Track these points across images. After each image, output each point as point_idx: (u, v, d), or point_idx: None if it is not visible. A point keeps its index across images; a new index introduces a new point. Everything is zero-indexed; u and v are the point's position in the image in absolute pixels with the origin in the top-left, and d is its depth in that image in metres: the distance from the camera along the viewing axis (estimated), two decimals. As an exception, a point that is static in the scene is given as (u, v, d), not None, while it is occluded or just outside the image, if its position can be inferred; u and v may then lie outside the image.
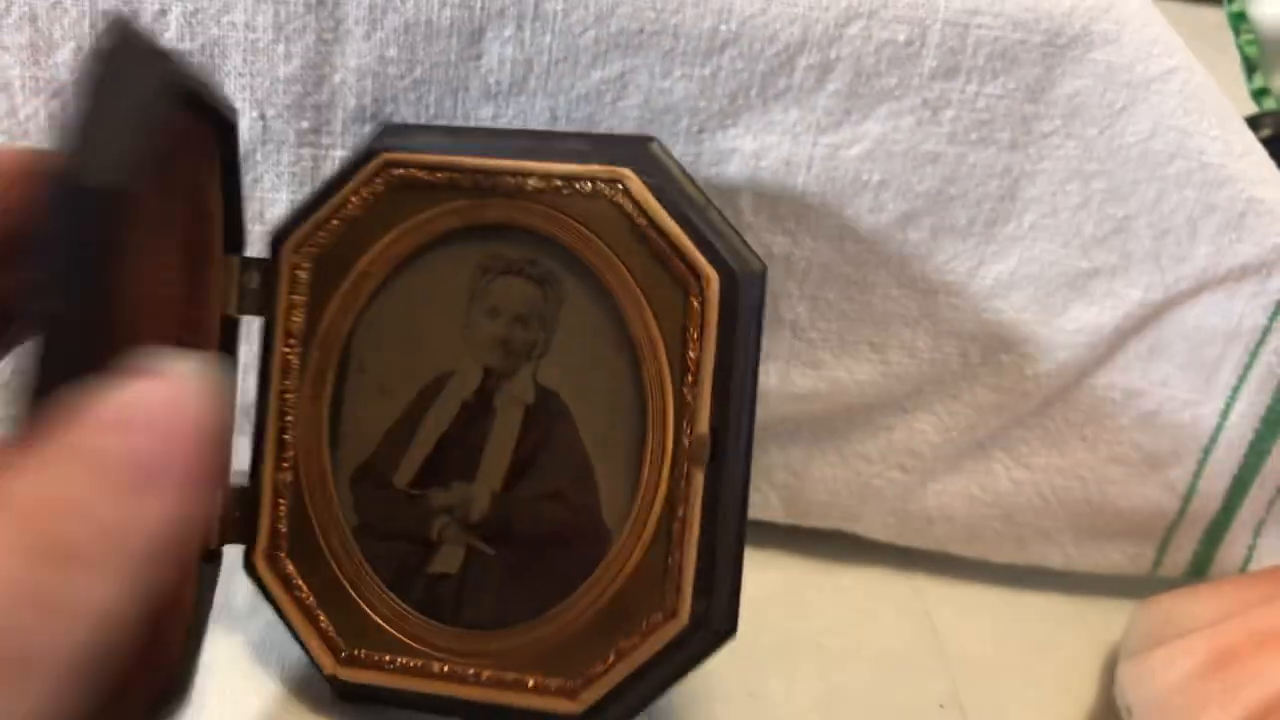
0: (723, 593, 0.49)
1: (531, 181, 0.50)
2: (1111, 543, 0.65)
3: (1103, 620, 0.62)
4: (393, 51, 0.53)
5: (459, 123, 0.56)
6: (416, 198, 0.51)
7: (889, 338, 0.58)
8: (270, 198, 0.57)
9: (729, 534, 0.49)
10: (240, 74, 0.54)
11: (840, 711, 0.55)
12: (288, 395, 0.52)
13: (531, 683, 0.50)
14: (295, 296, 0.52)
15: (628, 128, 0.56)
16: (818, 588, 0.64)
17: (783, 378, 0.61)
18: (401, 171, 0.51)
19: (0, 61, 0.54)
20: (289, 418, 0.52)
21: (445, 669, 0.50)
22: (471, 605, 0.50)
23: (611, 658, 0.49)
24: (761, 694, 0.58)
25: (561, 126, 0.56)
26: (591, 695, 0.49)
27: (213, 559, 0.52)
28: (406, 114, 0.55)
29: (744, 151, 0.56)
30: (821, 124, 0.55)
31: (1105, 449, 0.62)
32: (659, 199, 0.49)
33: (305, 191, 0.56)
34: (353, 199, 0.51)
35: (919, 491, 0.62)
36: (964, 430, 0.61)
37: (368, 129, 0.56)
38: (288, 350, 0.52)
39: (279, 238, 0.52)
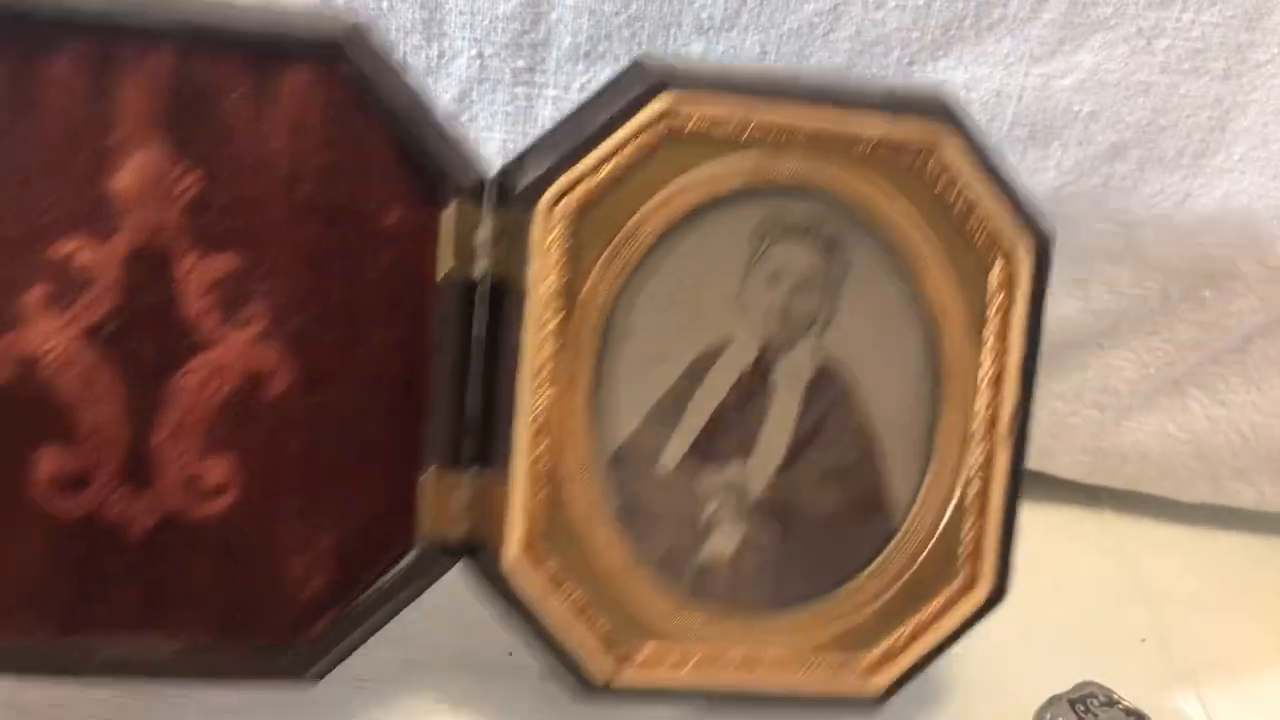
0: (1013, 561, 0.49)
1: (834, 141, 0.46)
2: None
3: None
4: (611, -12, 0.50)
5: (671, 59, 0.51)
6: (697, 152, 0.45)
7: (1091, 273, 0.59)
8: (484, 137, 0.52)
9: (1017, 509, 0.49)
10: (461, 12, 0.51)
11: (1043, 646, 0.55)
12: (544, 370, 0.46)
13: (824, 665, 0.48)
14: (553, 257, 0.45)
15: (838, 61, 0.54)
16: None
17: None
18: (683, 120, 0.45)
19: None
20: (543, 396, 0.46)
21: (731, 656, 0.47)
22: (751, 588, 0.48)
23: (906, 634, 0.48)
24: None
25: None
26: (889, 674, 0.48)
27: (426, 546, 0.46)
28: (619, 51, 0.52)
29: (954, 83, 0.55)
30: (1035, 54, 0.55)
31: None
32: (974, 161, 0.46)
33: (519, 132, 0.50)
34: (626, 150, 0.45)
35: (1113, 429, 0.62)
36: (1161, 367, 0.61)
37: (594, 67, 0.50)
38: (546, 319, 0.45)
39: (532, 190, 0.45)
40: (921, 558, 0.48)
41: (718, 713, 0.50)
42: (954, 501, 0.48)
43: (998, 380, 0.48)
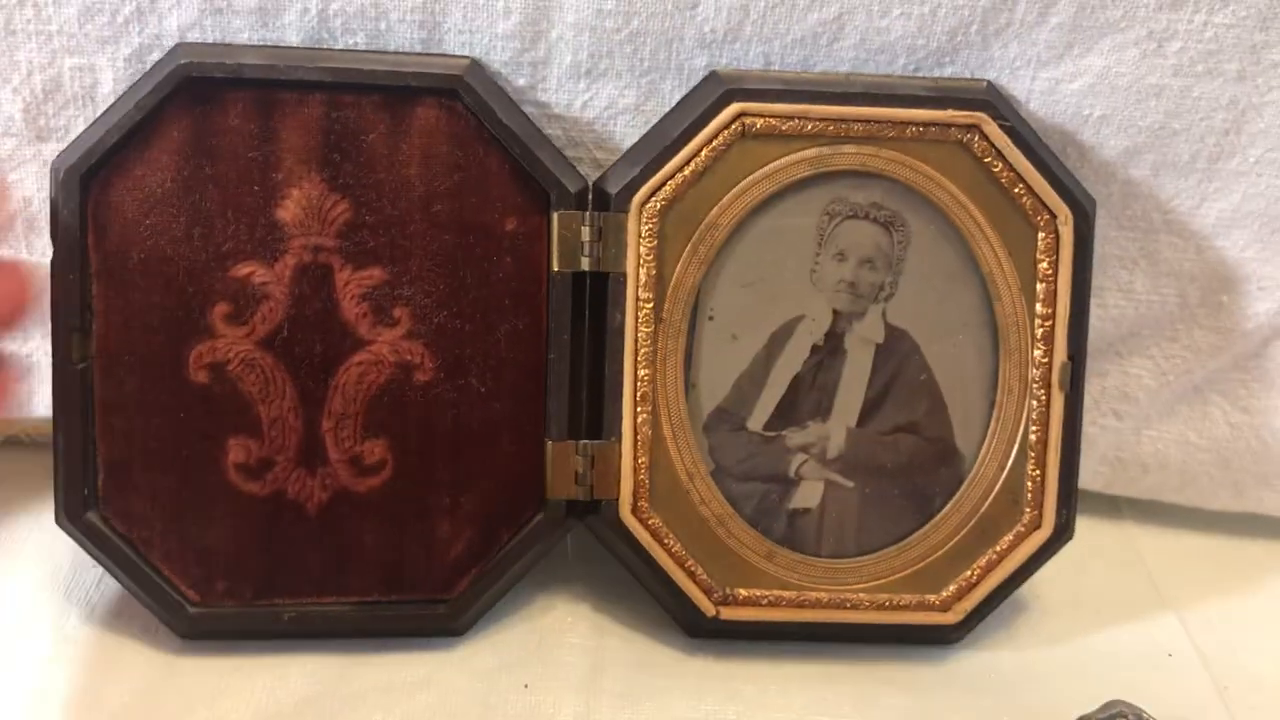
0: (1075, 501, 0.54)
1: (886, 129, 0.52)
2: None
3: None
4: (610, 4, 0.52)
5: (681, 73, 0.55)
6: (767, 148, 0.51)
7: (1105, 280, 0.57)
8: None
9: (1077, 452, 0.54)
10: (460, 31, 0.53)
11: (1067, 663, 0.54)
12: (643, 348, 0.53)
13: (906, 601, 0.53)
14: (646, 249, 0.52)
15: (843, 70, 0.55)
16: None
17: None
18: (754, 121, 0.51)
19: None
20: (644, 371, 0.53)
21: (821, 597, 0.53)
22: (835, 536, 0.53)
23: (979, 570, 0.53)
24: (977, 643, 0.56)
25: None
26: (965, 606, 0.53)
27: (553, 508, 0.52)
28: (621, 68, 0.54)
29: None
30: (1042, 58, 0.53)
31: None
32: (1015, 141, 0.51)
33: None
34: (704, 151, 0.51)
35: (1132, 439, 0.61)
36: (1180, 374, 0.59)
37: (595, 85, 0.53)
38: (643, 303, 0.52)
39: (625, 193, 0.52)
40: (989, 500, 0.53)
41: (809, 648, 0.53)
42: (1016, 447, 0.53)
43: (1049, 334, 0.53)
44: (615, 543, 0.53)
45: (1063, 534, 0.53)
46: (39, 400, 0.57)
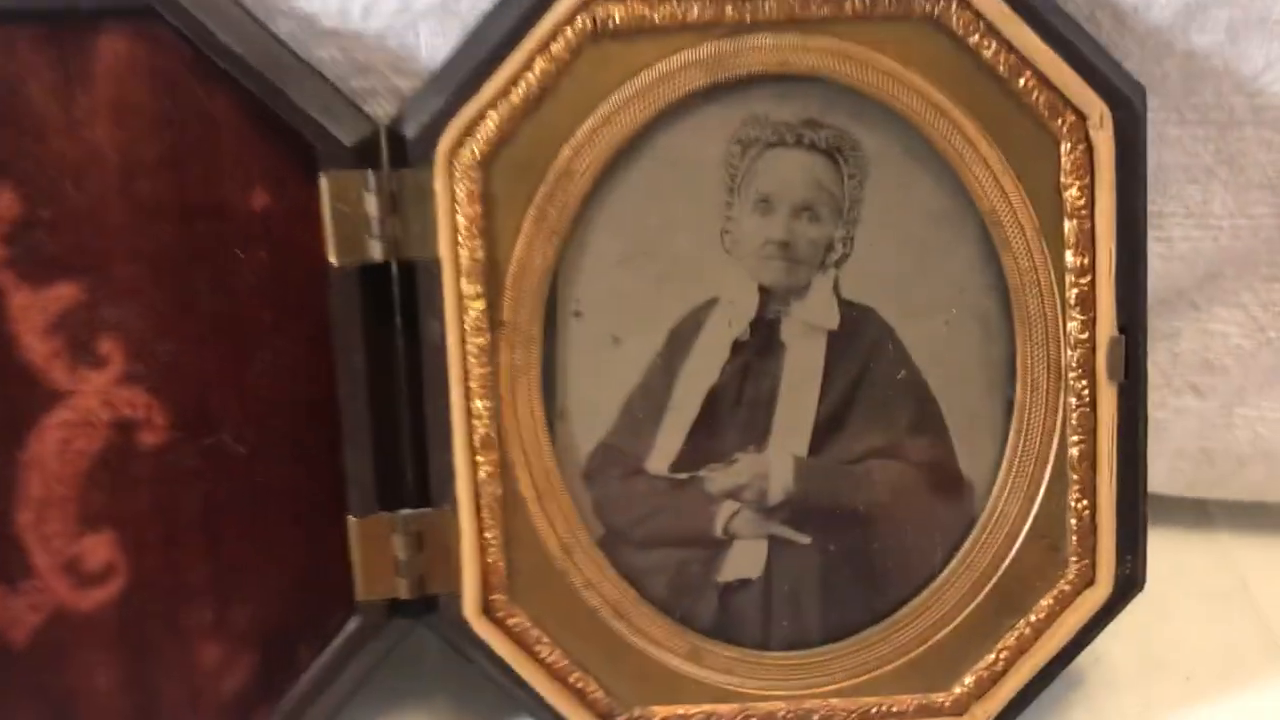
0: (1144, 540, 0.37)
1: (817, 4, 0.35)
2: None
3: None
4: None
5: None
6: (635, 50, 0.35)
7: (1167, 203, 0.45)
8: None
9: (1142, 468, 0.37)
10: None
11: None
12: (474, 365, 0.36)
13: (903, 705, 0.38)
14: (466, 221, 0.36)
15: None
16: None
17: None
18: (609, 11, 0.35)
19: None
20: (482, 402, 0.37)
21: (775, 710, 0.38)
22: (789, 618, 0.39)
23: (1007, 652, 0.38)
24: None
25: None
26: (989, 707, 0.38)
27: (369, 612, 0.38)
28: None
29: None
30: None
31: None
32: (1014, 6, 0.34)
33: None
34: (538, 64, 0.35)
35: (1221, 422, 0.49)
36: None
37: None
38: (470, 301, 0.36)
39: (425, 138, 0.35)
40: (1016, 549, 0.38)
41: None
42: (1050, 468, 0.37)
43: (1088, 296, 0.36)
44: (467, 649, 0.38)
45: (1128, 591, 0.38)
46: None
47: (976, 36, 0.35)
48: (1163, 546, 0.43)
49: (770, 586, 0.39)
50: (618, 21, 0.35)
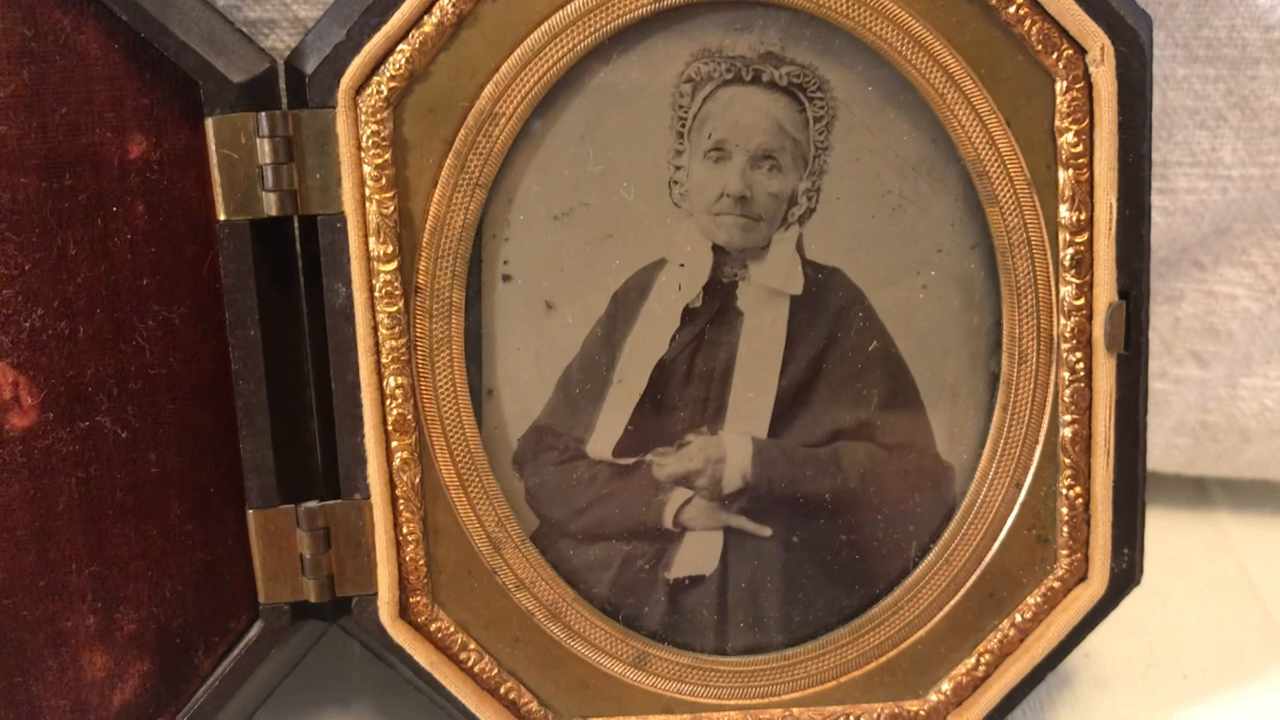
0: (1141, 530, 0.34)
1: None
2: None
3: None
4: None
5: None
6: None
7: (1173, 150, 0.42)
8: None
9: (1142, 451, 0.33)
10: None
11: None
12: (386, 336, 0.32)
13: (874, 714, 0.34)
14: (373, 169, 0.31)
15: None
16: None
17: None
18: None
19: None
20: (397, 379, 0.32)
21: None
22: (747, 619, 0.35)
23: (989, 655, 0.34)
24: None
25: None
26: (970, 715, 0.34)
27: (272, 615, 0.34)
28: None
29: None
30: None
31: None
32: None
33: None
34: None
35: (1225, 393, 0.45)
36: None
37: None
38: (380, 263, 0.32)
39: (326, 73, 0.31)
40: (1000, 541, 0.34)
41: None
42: (1039, 451, 0.34)
43: (1085, 256, 0.32)
44: (386, 656, 0.34)
45: (1124, 587, 0.34)
46: None
47: (960, -43, 0.32)
48: (1158, 528, 0.40)
49: (726, 584, 0.35)
50: (546, -61, 0.32)
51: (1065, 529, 0.34)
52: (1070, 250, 0.33)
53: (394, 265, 0.32)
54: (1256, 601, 0.43)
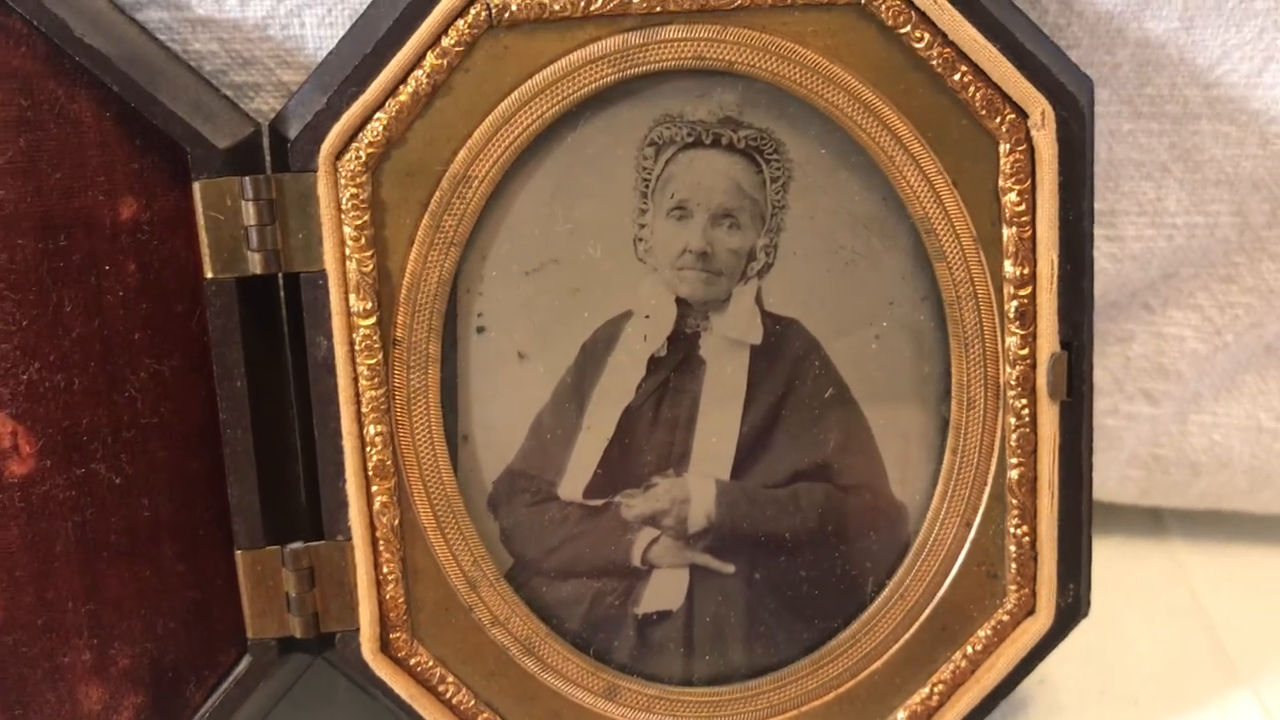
0: (1088, 566, 0.35)
1: None
2: None
3: None
4: None
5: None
6: (537, 42, 0.32)
7: (1119, 200, 0.42)
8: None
9: (1087, 491, 0.35)
10: None
11: None
12: (366, 387, 0.33)
13: None
14: (353, 229, 0.33)
15: None
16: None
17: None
18: (501, 1, 0.32)
19: None
20: (376, 427, 0.34)
21: None
22: (712, 651, 0.36)
23: (943, 685, 0.36)
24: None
25: None
26: None
27: (260, 650, 0.35)
28: None
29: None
30: None
31: None
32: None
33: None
34: (429, 58, 0.32)
35: (1175, 429, 0.46)
36: (1244, 330, 0.44)
37: None
38: (359, 318, 0.33)
39: (308, 139, 0.32)
40: (951, 577, 0.35)
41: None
42: (988, 492, 0.35)
43: (1029, 308, 0.34)
44: (369, 689, 0.35)
45: (1070, 620, 0.36)
46: None
47: (908, 27, 0.32)
48: (1113, 557, 0.41)
49: (692, 618, 0.36)
50: (515, 10, 0.32)
51: (1013, 565, 0.35)
52: (1014, 303, 0.34)
53: (373, 320, 0.33)
54: (1207, 629, 0.44)
